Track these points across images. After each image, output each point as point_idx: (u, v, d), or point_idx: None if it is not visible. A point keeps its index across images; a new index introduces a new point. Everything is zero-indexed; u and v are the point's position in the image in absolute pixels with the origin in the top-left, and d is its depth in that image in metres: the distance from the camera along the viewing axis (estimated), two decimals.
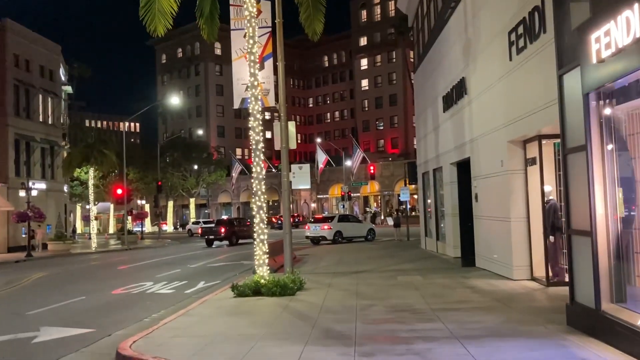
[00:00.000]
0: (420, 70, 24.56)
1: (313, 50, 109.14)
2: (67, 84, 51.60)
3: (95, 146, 40.47)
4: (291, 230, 16.50)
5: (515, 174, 13.02)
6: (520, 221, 12.93)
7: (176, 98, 45.01)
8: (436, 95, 20.79)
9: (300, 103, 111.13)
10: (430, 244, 23.27)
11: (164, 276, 19.03)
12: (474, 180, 16.17)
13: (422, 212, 25.20)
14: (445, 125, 19.43)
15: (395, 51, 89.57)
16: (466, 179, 17.92)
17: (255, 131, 12.81)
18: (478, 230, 16.08)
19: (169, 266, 23.32)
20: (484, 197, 15.24)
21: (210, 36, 15.02)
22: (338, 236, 33.34)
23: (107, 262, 27.89)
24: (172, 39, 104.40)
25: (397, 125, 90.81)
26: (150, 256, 30.87)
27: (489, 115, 14.39)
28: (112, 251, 39.19)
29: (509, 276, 13.18)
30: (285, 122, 16.50)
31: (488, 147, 14.56)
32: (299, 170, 16.92)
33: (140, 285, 16.47)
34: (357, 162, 65.44)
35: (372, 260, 20.04)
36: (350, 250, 25.97)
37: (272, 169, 71.60)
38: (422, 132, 24.77)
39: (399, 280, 14.08)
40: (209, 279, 17.79)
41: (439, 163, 20.97)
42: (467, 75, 16.38)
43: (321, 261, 20.81)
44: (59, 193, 47.59)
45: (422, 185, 25.10)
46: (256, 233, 12.85)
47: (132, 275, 19.97)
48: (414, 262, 18.59)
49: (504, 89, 13.14)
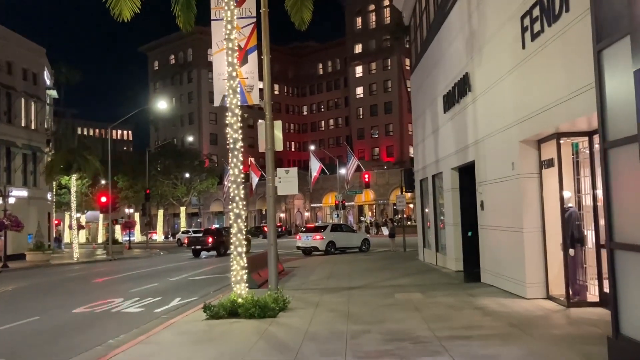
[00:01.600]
0: (418, 70, 23.06)
1: (307, 58, 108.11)
2: (52, 88, 49.86)
3: (78, 152, 38.69)
4: (276, 241, 14.86)
5: (529, 178, 11.47)
6: (535, 232, 11.37)
7: (163, 103, 43.36)
8: (435, 96, 19.29)
9: (294, 111, 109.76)
10: (429, 255, 21.68)
11: (138, 291, 17.35)
12: (478, 186, 14.61)
13: (420, 222, 23.61)
14: (446, 127, 17.90)
15: (391, 58, 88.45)
16: (469, 185, 16.41)
17: (233, 128, 11.23)
18: (484, 241, 14.50)
19: (147, 279, 21.63)
20: (491, 205, 13.67)
21: (186, 24, 13.53)
22: (331, 247, 31.69)
23: (85, 273, 26.14)
24: (164, 45, 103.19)
25: (392, 133, 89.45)
26: (133, 267, 29.17)
27: (497, 113, 12.86)
28: (94, 262, 37.36)
29: (522, 294, 11.59)
30: (271, 122, 14.95)
31: (496, 149, 13.02)
32: (286, 175, 15.32)
33: (108, 303, 14.77)
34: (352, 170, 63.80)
35: (367, 274, 18.41)
36: (342, 262, 24.32)
37: (265, 176, 69.70)
38: (419, 136, 23.24)
39: (397, 298, 12.45)
40: (186, 294, 16.13)
41: (438, 168, 19.42)
42: (471, 70, 14.87)
43: (311, 274, 19.16)
44: (42, 201, 45.73)
45: (420, 193, 23.53)
46: (233, 245, 11.23)
47: (104, 290, 18.27)
48: (412, 277, 16.97)
49: (515, 81, 11.62)
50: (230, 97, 11.25)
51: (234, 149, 11.22)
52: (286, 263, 24.93)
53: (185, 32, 15.69)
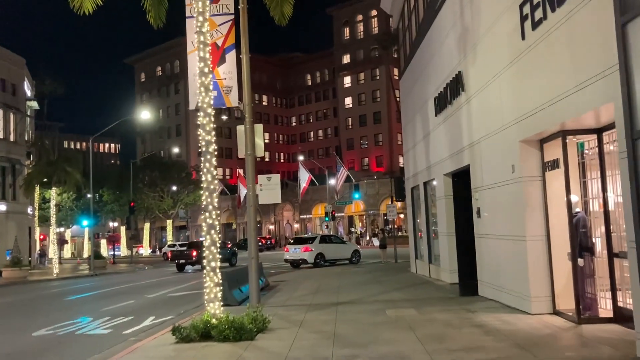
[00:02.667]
0: (408, 73, 22.16)
1: (295, 68, 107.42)
2: (32, 99, 48.57)
3: (58, 164, 37.33)
4: (258, 254, 13.76)
5: (531, 181, 10.49)
6: (538, 240, 10.36)
7: (146, 112, 42.19)
8: (426, 99, 18.36)
9: (282, 122, 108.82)
10: (422, 267, 20.63)
11: (110, 310, 16.12)
12: (474, 192, 13.62)
13: (411, 232, 22.59)
14: (438, 131, 16.94)
15: (379, 68, 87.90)
16: (464, 192, 15.41)
17: (206, 130, 10.16)
18: (481, 252, 13.49)
19: (124, 296, 20.37)
20: (489, 212, 12.67)
21: (157, 20, 12.49)
22: (320, 259, 30.49)
23: (60, 291, 24.79)
24: (150, 57, 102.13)
25: (381, 143, 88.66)
26: (112, 283, 27.86)
27: (494, 113, 11.90)
28: (74, 278, 35.91)
29: (525, 309, 10.55)
30: (251, 125, 13.90)
31: (494, 151, 12.05)
32: (267, 182, 14.25)
33: (74, 323, 13.55)
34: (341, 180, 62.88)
35: (356, 288, 17.30)
36: (331, 275, 23.20)
37: None
38: (410, 142, 22.28)
39: (389, 315, 11.36)
40: (162, 312, 14.94)
41: (430, 175, 18.44)
42: (464, 69, 13.94)
43: (297, 289, 18.02)
44: (22, 215, 44.28)
45: (411, 202, 22.52)
46: (206, 259, 10.11)
47: (74, 309, 17.02)
48: (404, 290, 15.89)
49: (514, 77, 10.67)
50: (202, 95, 10.19)
51: (206, 152, 10.14)
52: (272, 277, 23.80)
53: (172, 45, 14.63)
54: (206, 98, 10.18)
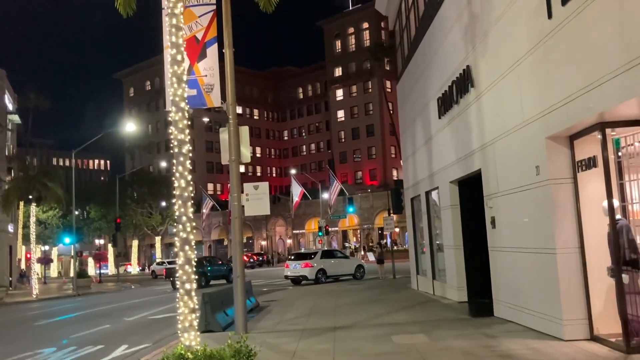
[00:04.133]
0: (406, 76, 20.76)
1: (287, 82, 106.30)
2: (13, 112, 46.86)
3: (37, 179, 35.60)
4: (244, 272, 12.15)
5: (560, 183, 8.99)
6: (571, 253, 8.84)
7: (132, 125, 40.65)
8: (427, 101, 16.93)
9: (274, 136, 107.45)
10: (424, 284, 19.05)
11: (80, 337, 14.42)
12: (487, 200, 12.12)
13: (412, 246, 21.03)
14: (442, 134, 15.49)
15: (371, 81, 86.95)
16: (473, 200, 14.00)
17: (178, 127, 8.60)
18: (496, 267, 11.95)
19: (100, 319, 18.64)
20: (506, 221, 11.16)
21: (126, 8, 10.94)
22: (321, 275, 28.93)
23: (34, 314, 22.97)
24: (139, 72, 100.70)
25: (374, 156, 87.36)
26: (93, 304, 26.06)
27: (511, 108, 10.44)
28: (56, 299, 33.98)
29: (556, 334, 9.00)
30: (235, 128, 12.38)
31: (511, 152, 10.57)
32: (254, 191, 12.70)
33: (34, 355, 11.86)
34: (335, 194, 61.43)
35: (355, 309, 15.67)
36: (326, 294, 21.54)
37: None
38: (409, 149, 20.82)
39: (396, 342, 9.76)
40: (138, 339, 13.27)
41: (433, 184, 16.95)
42: (473, 63, 12.51)
43: (289, 310, 16.36)
44: (1, 233, 42.37)
45: (411, 213, 20.98)
46: (179, 281, 8.50)
47: (41, 336, 15.29)
48: (409, 310, 14.28)
49: (537, 64, 9.22)
50: (175, 87, 8.65)
51: (179, 153, 8.57)
52: (263, 296, 22.13)
53: (161, 59, 13.06)
54: (179, 90, 8.63)
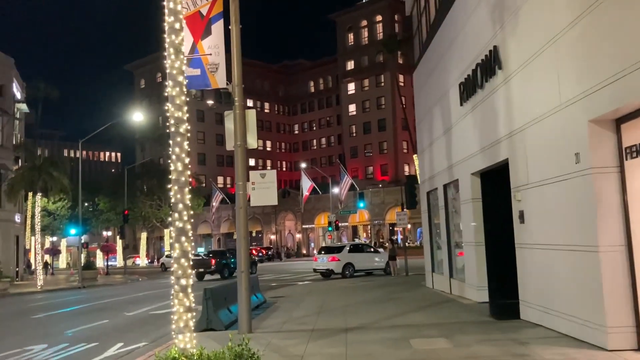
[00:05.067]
0: (423, 63, 19.71)
1: (298, 76, 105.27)
2: (21, 101, 46.27)
3: (43, 168, 34.93)
4: (249, 267, 11.24)
5: (604, 173, 7.96)
6: (617, 251, 7.82)
7: (139, 114, 39.89)
8: (447, 87, 15.89)
9: (285, 130, 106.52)
10: (440, 282, 18.05)
11: (75, 332, 13.63)
12: (515, 192, 11.09)
13: (427, 242, 20.02)
14: (463, 123, 14.45)
15: (384, 74, 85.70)
16: (497, 193, 12.97)
17: (176, 103, 7.68)
18: (524, 266, 10.93)
19: (100, 313, 17.88)
20: (538, 216, 10.13)
21: None
22: (348, 269, 28.35)
23: (35, 306, 22.25)
24: (150, 64, 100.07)
25: (386, 151, 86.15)
26: (96, 297, 25.37)
27: (546, 90, 9.40)
28: (59, 290, 33.39)
29: (598, 343, 7.98)
30: (241, 110, 11.43)
31: (545, 139, 9.53)
32: (261, 180, 11.76)
33: (23, 353, 11.03)
34: (345, 189, 60.51)
35: (367, 307, 14.72)
36: (336, 291, 20.61)
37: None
38: (425, 140, 19.78)
39: (415, 348, 8.79)
40: (134, 337, 12.42)
41: (452, 176, 15.92)
42: (501, 43, 11.46)
43: (297, 308, 15.44)
44: (7, 223, 41.80)
45: (427, 208, 19.96)
46: (174, 276, 7.58)
47: (35, 331, 14.49)
48: (425, 311, 13.30)
49: (579, 37, 8.18)
50: (172, 58, 7.71)
51: (176, 133, 7.66)
52: (271, 291, 21.27)
53: None
54: (176, 62, 7.70)
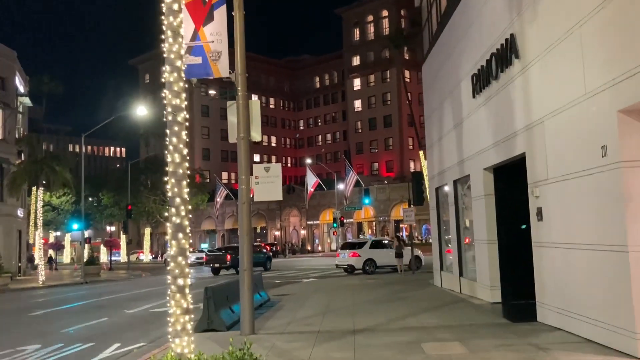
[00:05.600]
0: (433, 56, 19.12)
1: (304, 71, 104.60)
2: (24, 95, 45.86)
3: (45, 162, 34.53)
4: (252, 265, 10.72)
5: (634, 167, 7.39)
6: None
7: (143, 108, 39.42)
8: (459, 79, 15.31)
9: (290, 125, 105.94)
10: (449, 281, 17.51)
11: (72, 331, 13.16)
12: (533, 188, 10.51)
13: (436, 239, 19.47)
14: (476, 116, 13.87)
15: (390, 70, 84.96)
16: (511, 189, 12.49)
17: (173, 90, 7.13)
18: (542, 265, 10.37)
19: (99, 311, 17.41)
20: (558, 213, 9.56)
21: None
22: (369, 265, 28.01)
23: (33, 302, 21.80)
24: (155, 59, 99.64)
25: (392, 147, 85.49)
26: (97, 293, 24.95)
27: (569, 78, 8.82)
28: (61, 286, 32.99)
29: (626, 350, 7.43)
30: (245, 101, 10.89)
31: (567, 131, 8.96)
32: (265, 174, 11.23)
33: (15, 354, 10.54)
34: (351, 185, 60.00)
35: (375, 307, 14.19)
36: (344, 288, 20.08)
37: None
38: (435, 135, 19.21)
39: (427, 353, 8.24)
40: (133, 336, 11.94)
41: (463, 171, 15.35)
42: (518, 30, 10.87)
43: (302, 307, 14.91)
44: (9, 217, 41.42)
45: (435, 204, 19.40)
46: (171, 275, 7.07)
47: (30, 329, 14.03)
48: (437, 312, 12.75)
49: (610, 19, 7.59)
50: (170, 41, 7.17)
51: (173, 122, 7.12)
52: (275, 289, 20.74)
53: None
54: (174, 45, 7.16)
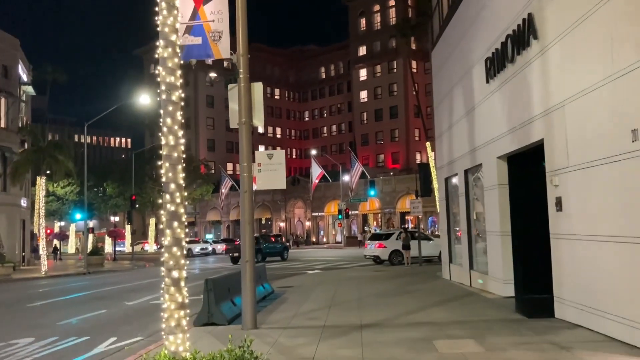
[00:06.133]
0: (443, 41, 18.46)
1: (309, 62, 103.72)
2: (27, 83, 45.41)
3: (47, 151, 34.08)
4: (254, 256, 10.21)
5: None
6: None
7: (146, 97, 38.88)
8: (471, 65, 14.68)
9: (295, 116, 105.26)
10: (458, 274, 16.96)
11: (68, 324, 12.71)
12: (552, 176, 9.91)
13: (444, 231, 18.90)
14: (489, 102, 13.26)
15: (396, 60, 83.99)
16: (525, 178, 11.93)
17: (167, 66, 6.56)
18: (562, 258, 9.79)
19: (99, 302, 16.98)
20: (580, 203, 8.97)
21: None
22: (396, 256, 27.48)
23: (34, 293, 21.41)
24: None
25: (397, 139, 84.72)
26: (99, 284, 24.57)
27: (594, 58, 8.21)
28: (64, 276, 32.69)
29: None
30: (247, 84, 10.33)
31: (592, 114, 8.36)
32: (268, 161, 10.68)
33: (6, 347, 10.08)
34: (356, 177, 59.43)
35: (382, 300, 13.66)
36: (347, 281, 19.57)
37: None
38: (444, 123, 18.59)
39: (441, 352, 7.70)
40: (130, 330, 11.47)
41: (475, 160, 14.75)
42: (536, 9, 10.23)
43: (307, 299, 14.40)
44: (13, 207, 41.10)
45: (444, 195, 18.82)
46: (165, 267, 6.55)
47: (26, 321, 13.59)
48: (446, 306, 12.20)
49: None
50: (164, 14, 6.61)
51: (167, 101, 6.56)
52: (279, 281, 20.26)
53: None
54: (169, 18, 6.59)
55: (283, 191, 74.71)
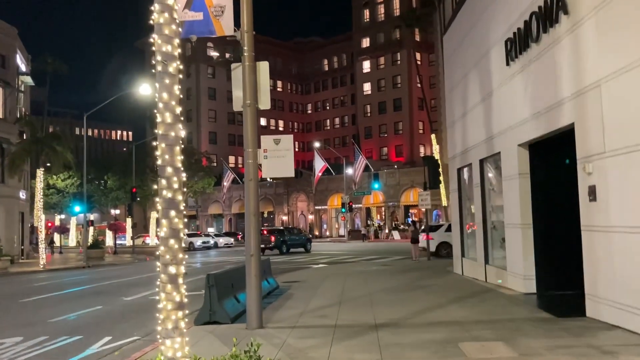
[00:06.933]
0: (457, 24, 17.60)
1: (312, 54, 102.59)
2: (26, 73, 44.59)
3: (45, 142, 33.33)
4: (259, 249, 9.42)
5: None
6: None
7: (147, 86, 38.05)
8: (489, 47, 13.84)
9: (298, 109, 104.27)
10: (472, 268, 16.18)
11: (61, 321, 11.96)
12: (585, 163, 9.09)
13: (457, 224, 18.10)
14: (510, 85, 12.43)
15: (400, 52, 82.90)
16: (549, 167, 11.18)
17: (163, 34, 5.74)
18: (595, 252, 8.98)
19: (96, 297, 16.24)
20: (619, 192, 8.17)
21: None
22: (444, 248, 26.65)
23: (28, 287, 20.67)
24: None
25: (401, 131, 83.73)
26: (98, 278, 23.83)
27: (638, 29, 7.38)
28: (62, 270, 31.98)
29: None
30: (251, 62, 9.52)
31: (636, 93, 7.54)
32: (275, 147, 9.86)
33: None
34: (360, 170, 58.69)
35: (395, 296, 12.88)
36: (355, 275, 18.80)
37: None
38: (457, 111, 17.77)
39: (469, 356, 6.91)
40: (126, 328, 10.72)
41: (493, 148, 13.93)
42: None
43: (315, 295, 13.62)
44: (11, 199, 40.36)
45: (457, 186, 18.01)
46: (161, 262, 5.76)
47: (17, 318, 12.84)
48: (465, 303, 11.42)
49: None
50: None
51: (164, 73, 5.76)
52: (284, 275, 19.51)
53: None
54: None
55: (285, 184, 73.91)
